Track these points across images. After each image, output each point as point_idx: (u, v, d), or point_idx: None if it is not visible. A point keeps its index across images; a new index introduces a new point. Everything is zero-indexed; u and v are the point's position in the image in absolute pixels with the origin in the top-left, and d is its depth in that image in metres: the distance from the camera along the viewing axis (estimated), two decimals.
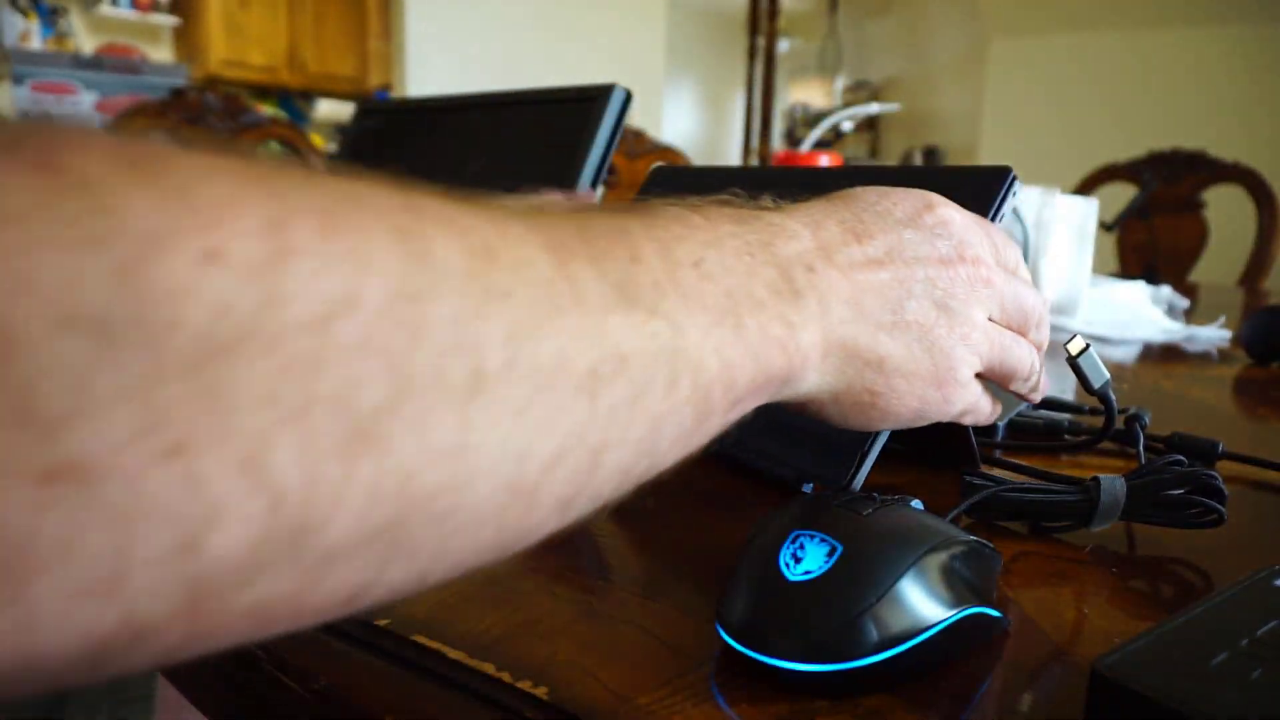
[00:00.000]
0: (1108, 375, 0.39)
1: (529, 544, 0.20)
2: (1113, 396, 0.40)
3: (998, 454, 0.47)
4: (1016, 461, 0.44)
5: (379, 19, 4.71)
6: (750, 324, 0.25)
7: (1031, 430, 0.51)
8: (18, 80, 2.08)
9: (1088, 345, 0.39)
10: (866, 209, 0.31)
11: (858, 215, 0.31)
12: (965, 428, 0.39)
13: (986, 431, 0.50)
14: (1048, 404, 0.53)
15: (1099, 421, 0.51)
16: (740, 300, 0.25)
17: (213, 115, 1.58)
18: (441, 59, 3.94)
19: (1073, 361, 0.39)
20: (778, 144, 5.02)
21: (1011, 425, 0.51)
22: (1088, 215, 0.93)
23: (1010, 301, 0.33)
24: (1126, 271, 1.75)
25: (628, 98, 0.51)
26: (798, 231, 0.28)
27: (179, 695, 0.34)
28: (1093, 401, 0.43)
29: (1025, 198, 0.91)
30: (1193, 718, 0.19)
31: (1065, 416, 0.51)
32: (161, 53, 4.58)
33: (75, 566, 0.13)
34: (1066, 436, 0.50)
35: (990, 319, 0.33)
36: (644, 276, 0.22)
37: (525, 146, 0.48)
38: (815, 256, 0.28)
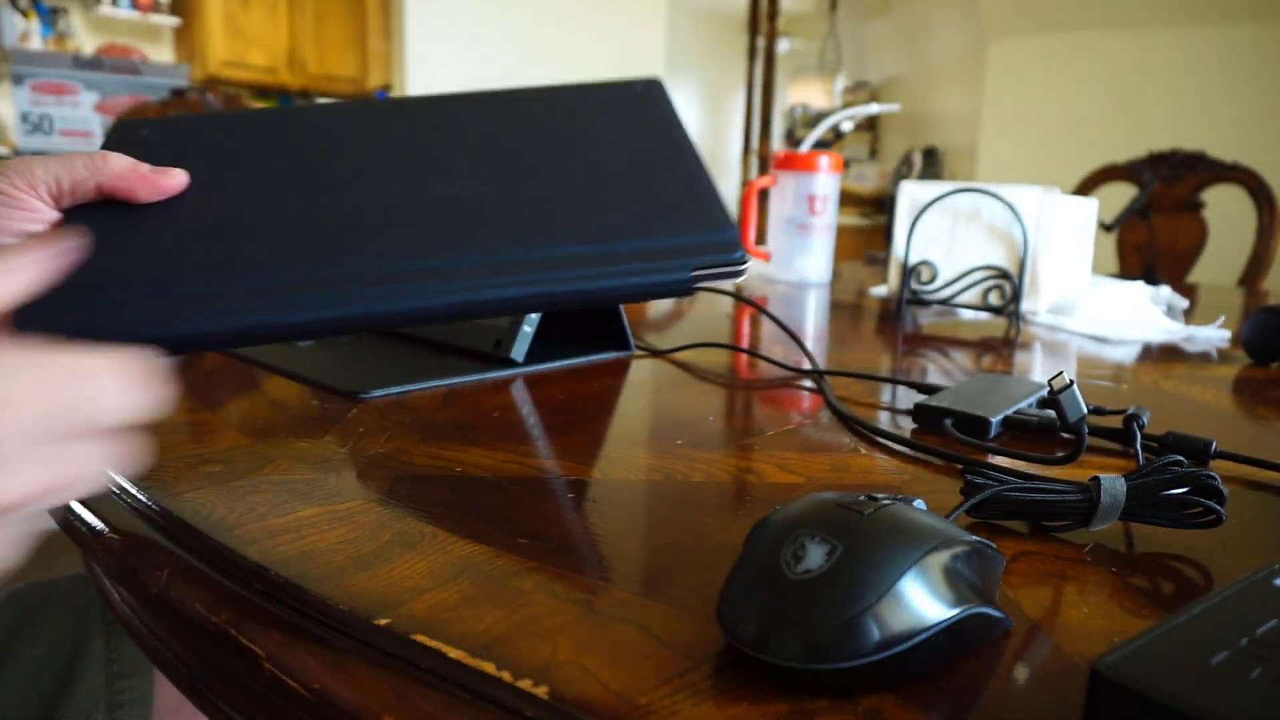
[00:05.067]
0: (1085, 410, 0.40)
1: None
2: (1085, 429, 0.41)
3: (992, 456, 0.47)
4: (1016, 462, 0.44)
5: (379, 19, 4.71)
6: None
7: (1026, 427, 0.51)
8: (17, 80, 2.08)
9: (1071, 383, 0.40)
10: None
11: None
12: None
13: (979, 431, 0.50)
14: (1045, 404, 0.53)
15: (1098, 421, 0.52)
16: None
17: None
18: (441, 59, 3.94)
19: (1054, 396, 0.40)
20: (778, 144, 5.02)
21: (1007, 423, 0.51)
22: (1087, 215, 0.93)
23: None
24: (1126, 272, 1.75)
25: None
26: None
27: (177, 697, 0.34)
28: (1092, 402, 0.43)
29: (1024, 198, 0.91)
30: (1193, 717, 0.19)
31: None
32: (162, 53, 4.58)
33: None
34: (1064, 435, 0.50)
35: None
36: None
37: (576, 140, 0.42)
38: None
